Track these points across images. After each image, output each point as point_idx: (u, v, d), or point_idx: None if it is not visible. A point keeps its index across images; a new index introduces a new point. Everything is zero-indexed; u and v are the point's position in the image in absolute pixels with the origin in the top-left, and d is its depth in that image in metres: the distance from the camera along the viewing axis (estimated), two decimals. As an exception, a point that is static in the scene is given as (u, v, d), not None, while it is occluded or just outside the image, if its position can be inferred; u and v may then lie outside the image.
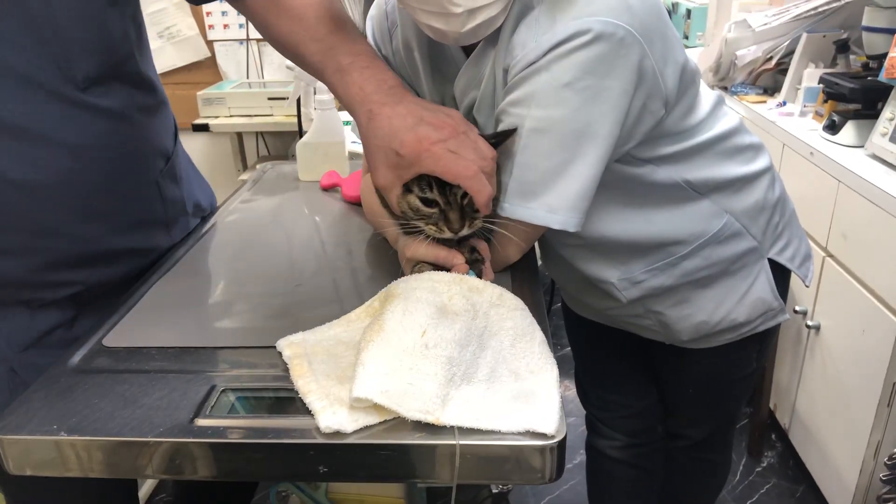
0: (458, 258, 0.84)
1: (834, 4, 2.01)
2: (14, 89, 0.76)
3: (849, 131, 1.66)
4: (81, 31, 0.80)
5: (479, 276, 0.84)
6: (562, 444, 0.64)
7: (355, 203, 1.22)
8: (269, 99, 2.66)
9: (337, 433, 0.64)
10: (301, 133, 2.19)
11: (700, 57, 2.32)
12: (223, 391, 0.71)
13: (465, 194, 0.80)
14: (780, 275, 1.06)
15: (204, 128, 2.66)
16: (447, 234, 0.82)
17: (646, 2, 0.79)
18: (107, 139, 0.86)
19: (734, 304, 1.03)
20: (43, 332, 0.89)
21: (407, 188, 0.81)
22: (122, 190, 0.91)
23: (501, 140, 0.82)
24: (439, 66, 0.95)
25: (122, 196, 0.91)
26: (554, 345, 0.77)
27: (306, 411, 0.67)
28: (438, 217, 0.82)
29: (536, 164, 0.81)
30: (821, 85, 1.83)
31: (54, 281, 0.88)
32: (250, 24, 0.96)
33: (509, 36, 0.83)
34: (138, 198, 0.95)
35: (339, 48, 0.85)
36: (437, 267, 0.84)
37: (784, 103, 2.05)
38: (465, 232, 0.82)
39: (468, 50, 0.89)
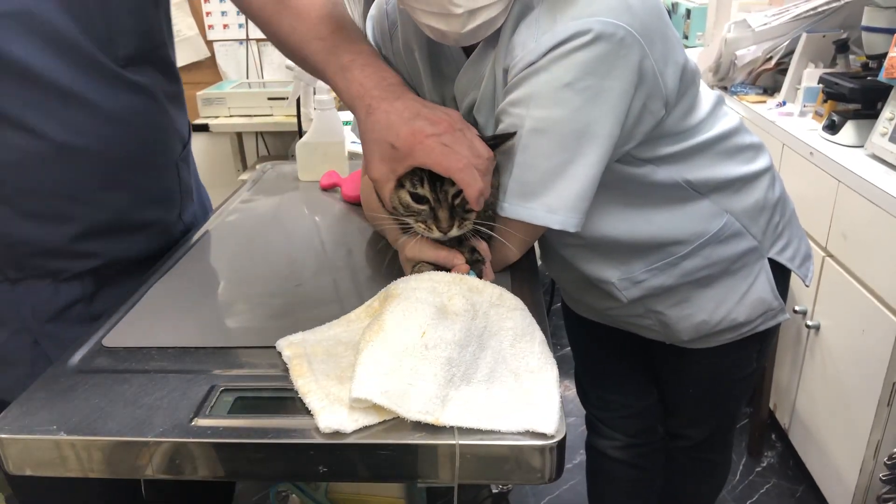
0: (459, 258, 0.84)
1: (833, 4, 2.01)
2: (67, 57, 0.84)
3: (848, 131, 1.66)
4: (126, 18, 0.90)
5: (480, 276, 0.84)
6: (562, 444, 0.64)
7: (355, 203, 1.22)
8: (269, 99, 2.66)
9: (336, 433, 0.64)
10: (301, 133, 2.19)
11: (700, 57, 2.32)
12: (223, 391, 0.71)
13: (457, 194, 0.80)
14: (781, 274, 1.06)
15: (204, 128, 2.66)
16: (436, 234, 0.81)
17: (646, 2, 0.79)
18: (138, 114, 0.93)
19: (734, 303, 1.03)
20: (65, 305, 0.94)
21: (399, 184, 0.81)
22: (147, 165, 0.98)
23: (500, 142, 0.82)
24: (440, 66, 0.95)
25: (146, 170, 0.98)
26: (554, 345, 0.77)
27: (306, 411, 0.67)
28: (428, 215, 0.81)
29: (536, 164, 0.81)
30: (820, 85, 1.84)
31: (81, 251, 0.93)
32: (250, 24, 1.02)
33: (509, 36, 0.83)
34: (160, 175, 1.02)
35: (342, 47, 0.87)
36: (438, 267, 0.84)
37: (784, 103, 2.05)
38: (454, 232, 0.81)
39: (468, 50, 0.89)
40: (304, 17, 0.90)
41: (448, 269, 0.83)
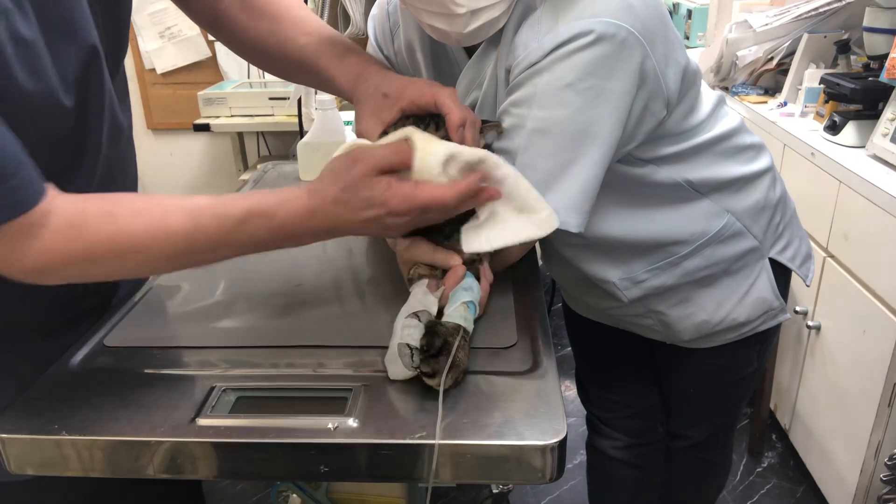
0: (456, 259, 0.83)
1: (835, 5, 2.01)
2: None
3: (850, 132, 1.66)
4: (122, 42, 0.85)
5: (477, 276, 0.84)
6: (562, 444, 0.64)
7: (356, 203, 1.22)
8: (270, 99, 2.66)
9: (337, 430, 0.64)
10: (302, 133, 2.19)
11: (701, 57, 2.32)
12: (224, 391, 0.71)
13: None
14: (781, 274, 1.06)
15: (205, 128, 2.66)
16: None
17: (648, 3, 0.79)
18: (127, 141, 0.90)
19: (735, 303, 1.03)
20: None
21: (384, 134, 0.82)
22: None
23: (483, 122, 0.84)
24: (441, 66, 0.95)
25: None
26: (554, 345, 0.78)
27: (306, 411, 0.67)
28: None
29: (538, 164, 0.81)
30: (822, 85, 1.83)
31: (74, 314, 0.88)
32: None
33: (511, 36, 0.83)
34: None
35: (333, 38, 0.92)
36: (434, 268, 0.84)
37: (785, 104, 2.05)
38: None
39: (470, 50, 0.90)
40: (282, 19, 0.93)
41: (445, 271, 0.83)
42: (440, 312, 0.77)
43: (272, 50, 0.95)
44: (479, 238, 0.80)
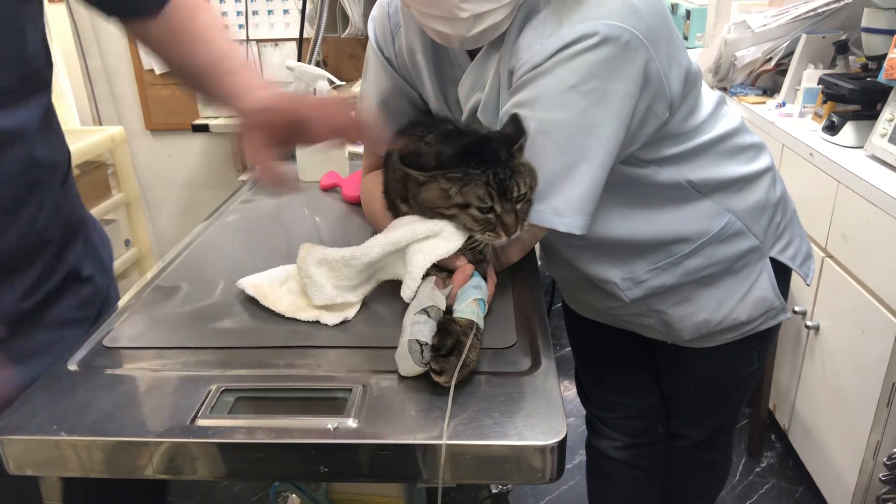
0: (461, 259, 0.83)
1: (833, 5, 2.01)
2: None
3: (848, 132, 1.66)
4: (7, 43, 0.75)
5: (484, 276, 0.84)
6: (562, 444, 0.64)
7: (355, 203, 1.22)
8: (269, 99, 2.66)
9: (337, 430, 0.64)
10: (301, 133, 2.19)
11: (700, 58, 2.32)
12: (223, 391, 0.71)
13: (519, 198, 0.80)
14: (782, 274, 1.06)
15: (204, 128, 2.65)
16: (503, 239, 0.81)
17: (652, 6, 0.79)
18: (10, 155, 0.78)
19: (736, 302, 1.03)
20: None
21: (464, 205, 0.80)
22: (23, 208, 0.82)
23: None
24: (443, 68, 0.95)
25: (22, 214, 0.82)
26: (554, 345, 0.78)
27: (306, 411, 0.67)
28: (496, 222, 0.80)
29: (541, 166, 0.81)
30: (820, 86, 1.84)
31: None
32: (250, 25, 0.96)
33: (515, 38, 0.83)
34: (36, 215, 0.85)
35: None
36: (441, 268, 0.84)
37: (783, 104, 2.05)
38: (516, 233, 0.81)
39: (472, 52, 0.89)
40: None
41: (451, 270, 0.83)
42: (448, 310, 0.77)
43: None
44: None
